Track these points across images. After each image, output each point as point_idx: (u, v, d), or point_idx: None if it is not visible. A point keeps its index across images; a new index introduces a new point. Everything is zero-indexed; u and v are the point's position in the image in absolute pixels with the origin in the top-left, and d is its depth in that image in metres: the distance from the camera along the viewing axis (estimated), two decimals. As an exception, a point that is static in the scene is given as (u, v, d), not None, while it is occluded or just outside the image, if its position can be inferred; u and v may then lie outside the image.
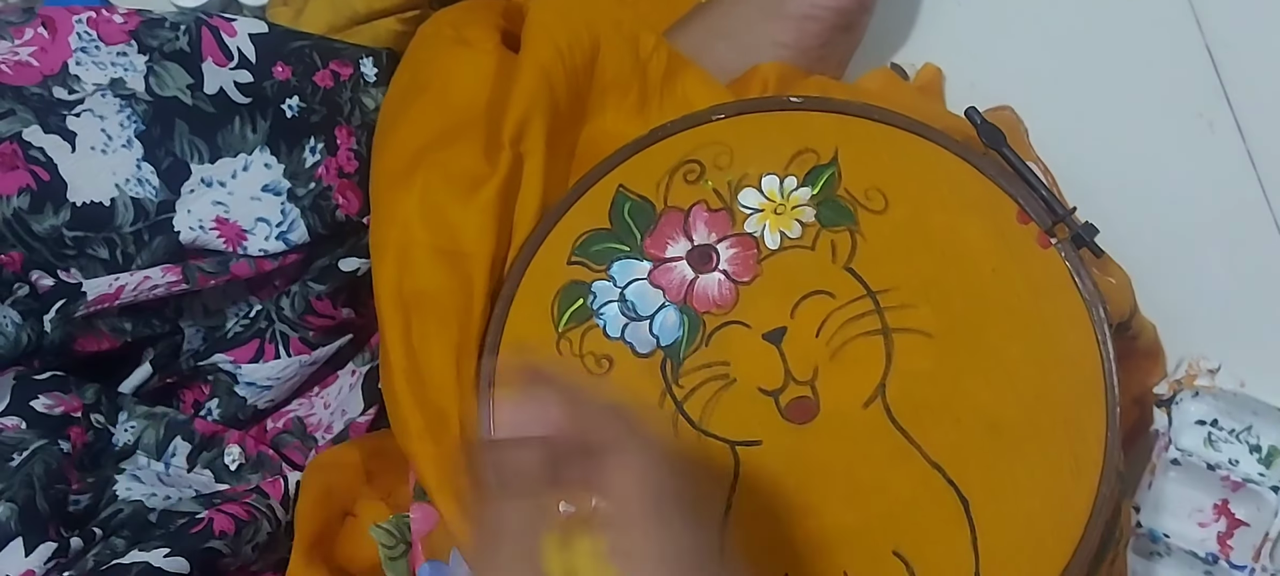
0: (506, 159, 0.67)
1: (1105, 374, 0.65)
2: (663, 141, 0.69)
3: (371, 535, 0.69)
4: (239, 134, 0.68)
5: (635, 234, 0.67)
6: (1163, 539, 0.80)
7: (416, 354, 0.65)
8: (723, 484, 0.64)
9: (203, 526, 0.67)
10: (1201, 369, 0.81)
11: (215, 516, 0.67)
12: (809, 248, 0.66)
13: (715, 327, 0.65)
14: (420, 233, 0.66)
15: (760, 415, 0.64)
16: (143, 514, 0.67)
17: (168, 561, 0.65)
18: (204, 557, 0.66)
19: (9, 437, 0.64)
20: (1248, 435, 0.81)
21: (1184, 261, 0.83)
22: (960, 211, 0.67)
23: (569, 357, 0.65)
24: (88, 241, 0.66)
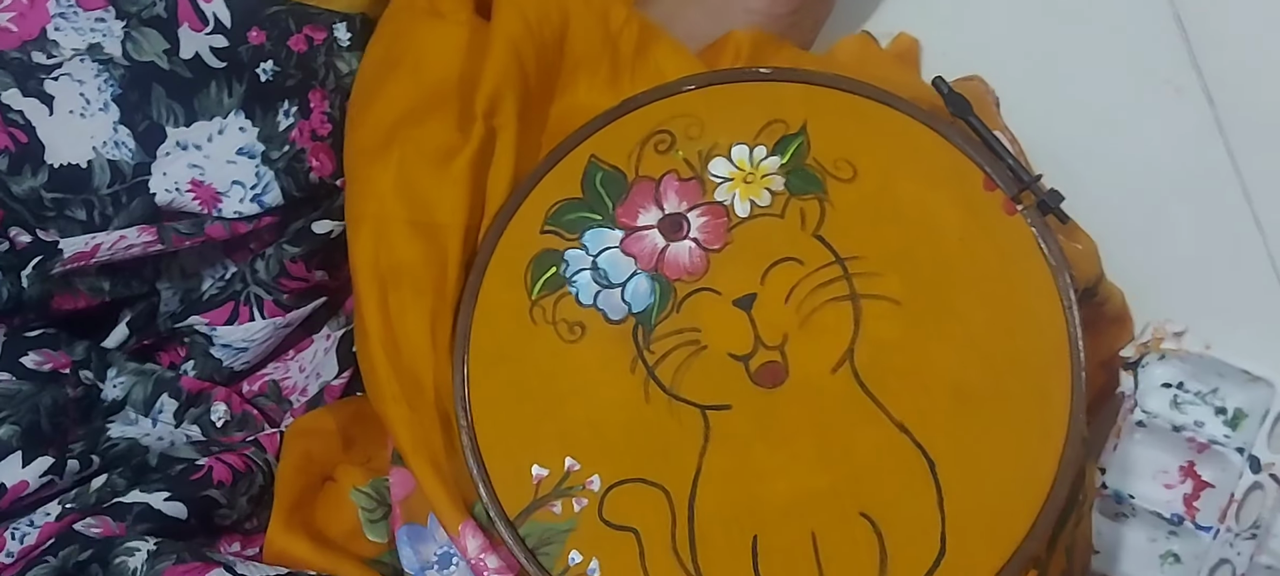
0: (479, 131, 0.68)
1: (1070, 339, 0.66)
2: (634, 112, 0.69)
3: (351, 499, 0.70)
4: (215, 98, 0.68)
5: (607, 203, 0.68)
6: (1129, 500, 0.81)
7: (393, 322, 0.66)
8: (693, 448, 0.65)
9: (202, 474, 0.68)
10: (1168, 332, 0.82)
11: (214, 465, 0.68)
12: (778, 216, 0.67)
13: (686, 294, 0.66)
14: (395, 206, 0.67)
15: (730, 380, 0.65)
16: (140, 453, 0.68)
17: (167, 505, 0.66)
18: (202, 504, 0.68)
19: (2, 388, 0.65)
20: (1213, 397, 0.82)
21: (1151, 226, 0.84)
22: (927, 180, 0.67)
23: (542, 325, 0.66)
24: (66, 203, 0.66)
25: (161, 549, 0.63)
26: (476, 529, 0.65)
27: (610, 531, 0.64)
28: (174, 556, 0.63)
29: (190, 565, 0.62)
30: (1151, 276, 0.83)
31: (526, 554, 0.64)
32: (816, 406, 0.65)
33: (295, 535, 0.68)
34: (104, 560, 0.63)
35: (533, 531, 0.64)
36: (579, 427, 0.65)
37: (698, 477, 0.65)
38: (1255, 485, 0.79)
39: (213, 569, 0.62)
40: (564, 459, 0.65)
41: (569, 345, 0.66)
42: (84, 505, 0.66)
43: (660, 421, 0.65)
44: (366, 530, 0.69)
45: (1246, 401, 0.81)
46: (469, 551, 0.65)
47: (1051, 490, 0.64)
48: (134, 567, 0.62)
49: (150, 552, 0.63)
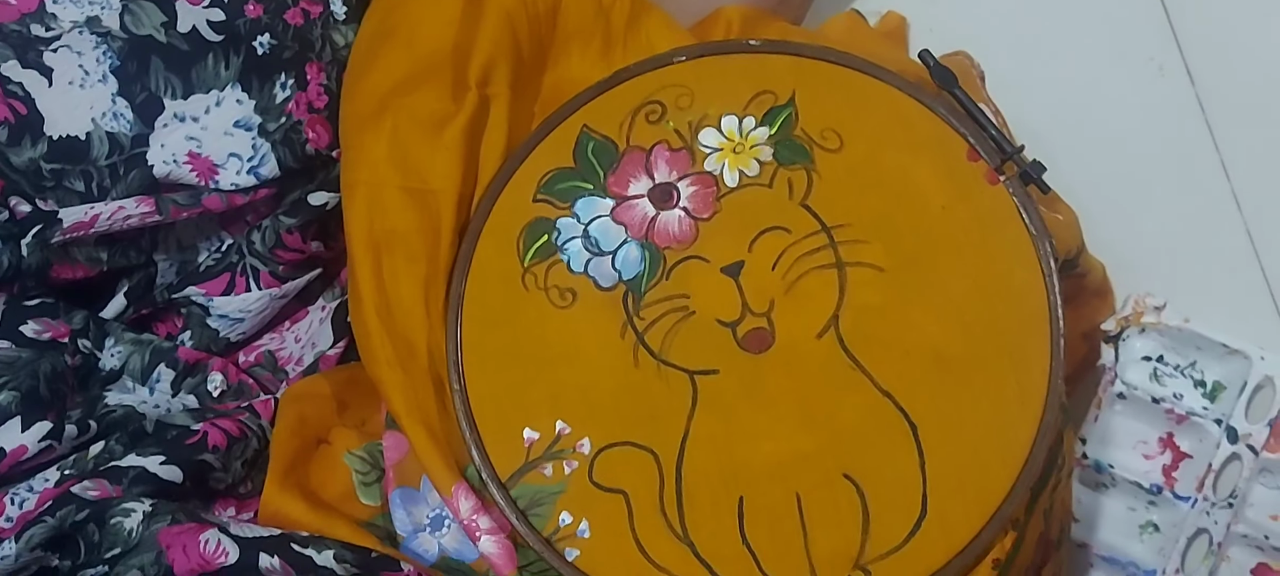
0: (472, 99, 0.69)
1: (1050, 306, 0.67)
2: (625, 83, 0.70)
3: (345, 462, 0.71)
4: (212, 71, 0.69)
5: (598, 172, 0.69)
6: (1109, 470, 0.83)
7: (386, 288, 0.67)
8: (681, 412, 0.66)
9: (198, 438, 0.69)
10: (1148, 306, 0.83)
11: (209, 430, 0.69)
12: (766, 185, 0.68)
13: (675, 262, 0.67)
14: (389, 173, 0.68)
15: (718, 345, 0.66)
16: (137, 419, 0.69)
17: (163, 469, 0.67)
18: (197, 469, 0.68)
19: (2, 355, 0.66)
20: (1192, 370, 0.83)
21: (1133, 201, 0.85)
22: (912, 150, 0.69)
23: (534, 291, 0.67)
24: (65, 173, 0.67)
25: (157, 510, 0.64)
26: (469, 490, 0.66)
27: (600, 493, 0.65)
28: (168, 517, 0.63)
29: (185, 526, 0.63)
30: (1132, 251, 0.84)
31: (518, 515, 0.65)
32: (802, 371, 0.66)
33: (290, 495, 0.69)
34: (100, 520, 0.63)
35: (524, 493, 0.65)
36: (569, 392, 0.66)
37: (686, 441, 0.66)
38: (1233, 455, 0.81)
39: (206, 530, 0.63)
40: (555, 422, 0.66)
41: (560, 311, 0.67)
42: (82, 470, 0.67)
43: (649, 386, 0.66)
44: (360, 493, 0.70)
45: (1224, 374, 0.83)
46: (461, 512, 0.66)
47: (1030, 454, 0.65)
48: (129, 528, 0.63)
49: (146, 513, 0.63)
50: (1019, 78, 0.83)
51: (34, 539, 0.63)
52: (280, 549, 0.63)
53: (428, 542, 0.67)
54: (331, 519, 0.69)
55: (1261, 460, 0.80)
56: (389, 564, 0.65)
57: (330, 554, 0.64)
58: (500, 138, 0.70)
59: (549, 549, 0.65)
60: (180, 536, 0.63)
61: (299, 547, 0.64)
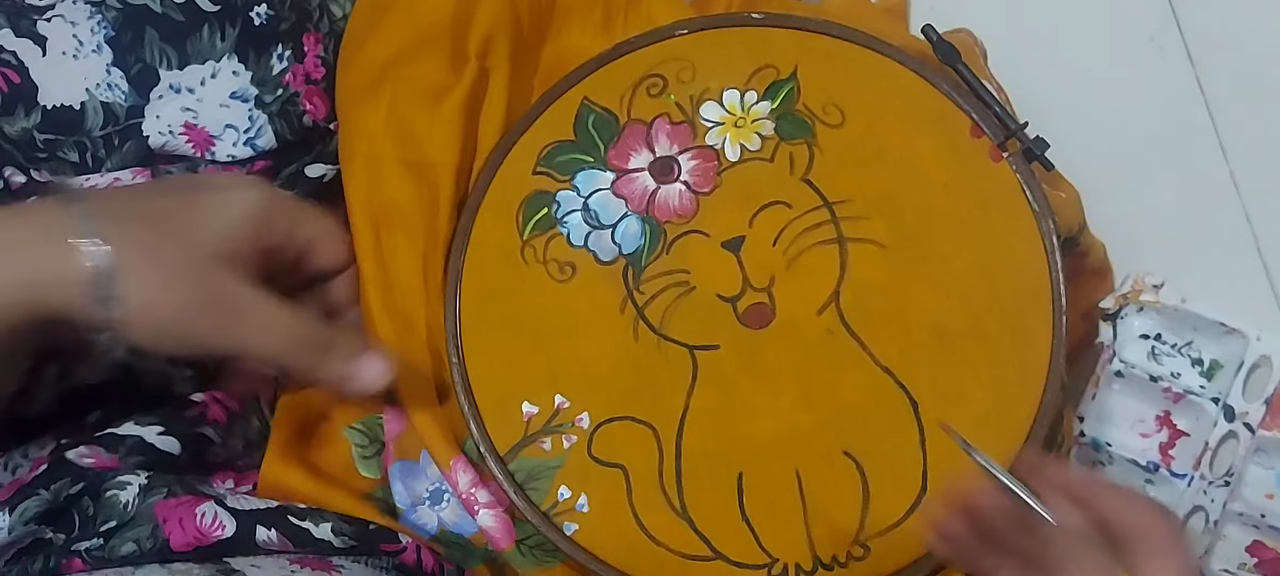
0: (471, 70, 0.69)
1: (1052, 283, 0.67)
2: (627, 56, 0.70)
3: (345, 436, 0.71)
4: (208, 42, 0.68)
5: (599, 145, 0.69)
6: (1106, 448, 0.83)
7: (386, 263, 0.67)
8: (681, 387, 0.66)
9: (198, 410, 0.68)
10: (1146, 284, 0.84)
11: (210, 403, 0.69)
12: (768, 160, 0.68)
13: (676, 236, 0.67)
14: (387, 145, 0.67)
15: (718, 320, 0.66)
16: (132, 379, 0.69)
17: (160, 439, 0.66)
18: (195, 441, 0.68)
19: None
20: (1189, 349, 0.84)
21: (1132, 181, 0.85)
22: (914, 126, 0.68)
23: (533, 264, 0.67)
24: (58, 144, 0.66)
25: (153, 482, 0.63)
26: (467, 464, 0.66)
27: (599, 467, 0.66)
28: (165, 490, 0.63)
29: (181, 498, 0.63)
30: (1131, 230, 0.84)
31: (516, 489, 0.65)
32: (802, 347, 0.66)
33: (290, 466, 0.69)
34: (95, 493, 0.63)
35: (522, 467, 0.65)
36: (569, 366, 0.66)
37: (685, 416, 0.66)
38: (1229, 434, 0.81)
39: (203, 502, 0.63)
40: (554, 396, 0.66)
41: (560, 285, 0.67)
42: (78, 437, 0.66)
43: (649, 360, 0.66)
44: (359, 466, 0.70)
45: (1221, 352, 0.83)
46: (460, 486, 0.66)
47: (1030, 431, 0.66)
48: (125, 501, 0.63)
49: (142, 486, 0.63)
50: (1018, 57, 0.82)
51: (28, 512, 0.62)
52: (278, 521, 0.63)
53: (427, 515, 0.67)
54: (331, 490, 0.69)
55: (1258, 439, 0.80)
56: (387, 536, 0.65)
57: (328, 526, 0.64)
58: (500, 110, 0.69)
59: (547, 523, 0.65)
60: (177, 509, 0.62)
61: (296, 520, 0.64)
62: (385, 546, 0.65)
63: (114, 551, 0.61)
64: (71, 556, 0.62)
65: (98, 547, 0.62)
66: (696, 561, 0.65)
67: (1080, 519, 0.53)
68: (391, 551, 0.65)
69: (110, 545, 0.62)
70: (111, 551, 0.61)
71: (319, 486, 0.68)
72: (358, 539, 0.65)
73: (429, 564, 0.65)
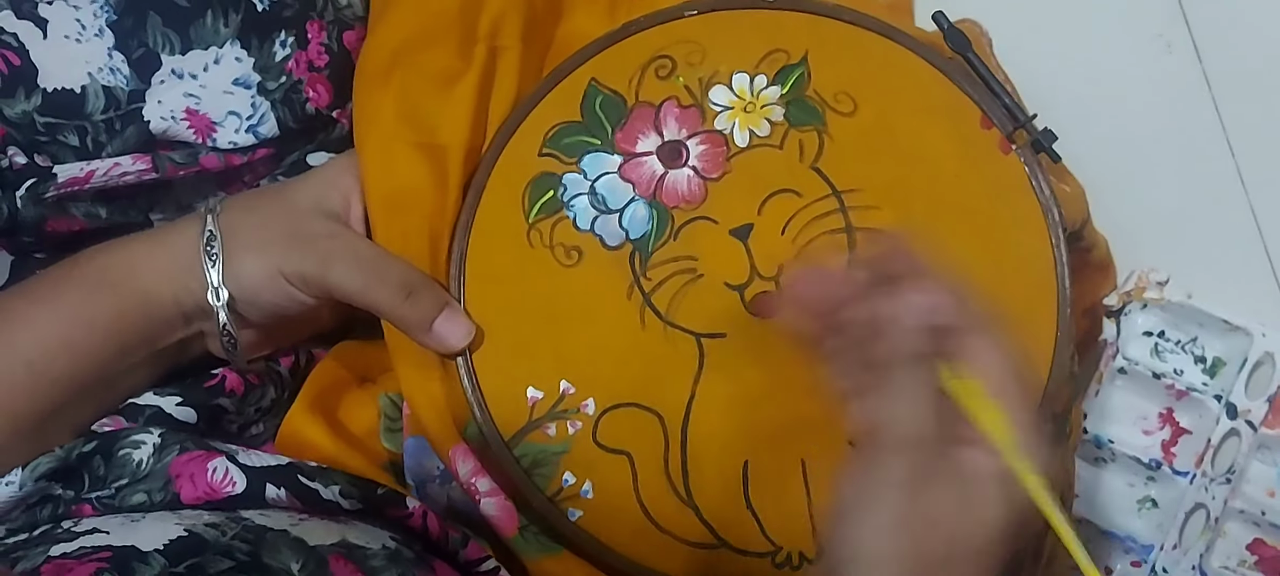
0: (482, 53, 0.68)
1: (1058, 277, 0.67)
2: (635, 36, 0.69)
3: (379, 402, 0.71)
4: (211, 27, 0.67)
5: (606, 128, 0.68)
6: (1108, 445, 0.83)
7: (399, 249, 0.66)
8: (687, 374, 0.66)
9: (216, 381, 0.68)
10: (1150, 281, 0.84)
11: (228, 374, 0.69)
12: (777, 147, 0.68)
13: (683, 222, 0.67)
14: (398, 128, 0.67)
15: (725, 309, 0.66)
16: None
17: (179, 410, 0.66)
18: (211, 411, 0.68)
19: None
20: (1193, 346, 0.83)
21: (1138, 177, 0.85)
22: (925, 116, 0.68)
23: (539, 248, 0.66)
24: (59, 127, 0.66)
25: (166, 441, 0.63)
26: (468, 452, 0.65)
27: (604, 454, 0.65)
28: (178, 447, 0.63)
29: (194, 453, 0.63)
30: (1136, 226, 0.84)
31: (521, 474, 0.64)
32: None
33: (313, 419, 0.68)
34: (108, 452, 0.63)
35: (527, 453, 0.65)
36: (575, 352, 0.66)
37: (691, 403, 0.65)
38: (1231, 431, 0.81)
39: (215, 457, 0.63)
40: (559, 382, 0.65)
41: (566, 269, 0.66)
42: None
43: (655, 347, 0.66)
44: (383, 436, 0.70)
45: (1225, 350, 0.83)
46: (460, 474, 0.65)
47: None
48: (139, 459, 0.63)
49: (156, 445, 0.63)
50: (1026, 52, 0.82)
51: (40, 468, 0.62)
52: (287, 480, 0.63)
53: (437, 493, 0.67)
54: (349, 449, 0.68)
55: (1260, 436, 0.80)
56: (394, 501, 0.65)
57: (336, 488, 0.64)
58: (510, 91, 0.68)
59: (552, 509, 0.65)
60: (189, 464, 0.62)
61: (306, 480, 0.64)
62: (392, 510, 0.65)
63: (124, 501, 0.62)
64: (81, 503, 0.62)
65: (108, 497, 0.62)
66: (701, 548, 0.65)
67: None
68: (399, 516, 0.65)
69: (121, 495, 0.62)
70: (122, 500, 0.62)
71: (337, 445, 0.68)
72: (365, 502, 0.64)
73: (435, 529, 0.65)
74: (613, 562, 0.65)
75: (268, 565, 0.55)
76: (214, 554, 0.55)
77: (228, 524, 0.58)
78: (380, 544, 0.61)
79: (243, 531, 0.58)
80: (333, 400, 0.71)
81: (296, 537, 0.58)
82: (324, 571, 0.57)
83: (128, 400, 0.67)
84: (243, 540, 0.57)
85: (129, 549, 0.54)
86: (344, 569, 0.57)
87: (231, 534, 0.57)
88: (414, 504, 0.65)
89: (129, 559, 0.53)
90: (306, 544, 0.58)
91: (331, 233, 0.65)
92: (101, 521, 0.59)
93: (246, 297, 0.64)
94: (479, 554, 0.65)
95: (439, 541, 0.65)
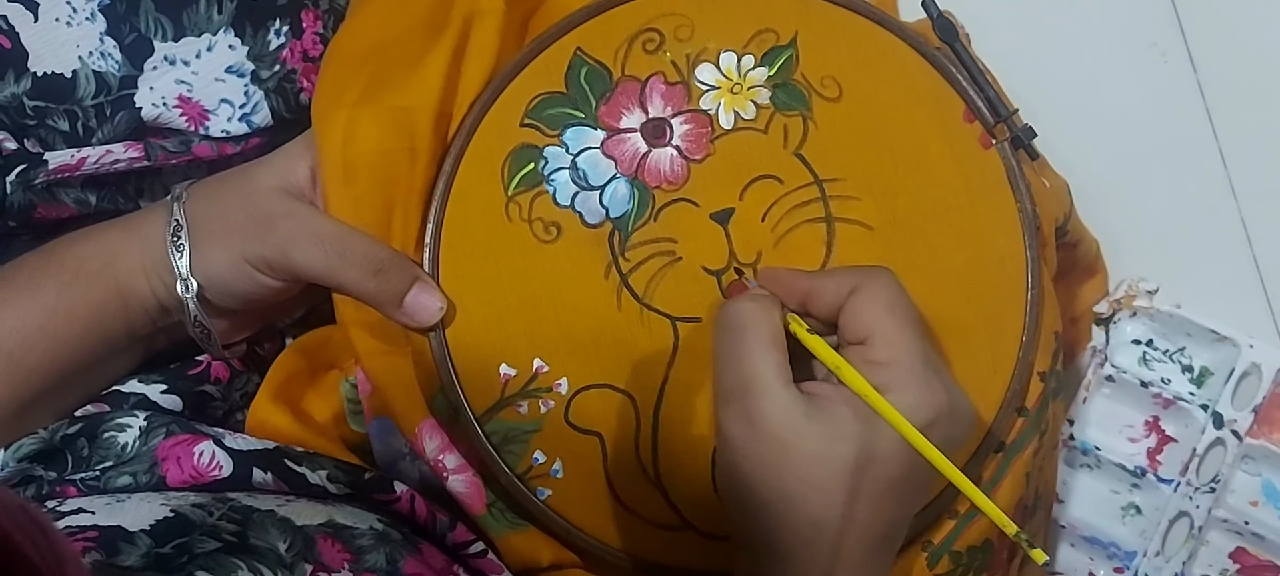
0: (457, 20, 0.66)
1: (1027, 275, 0.67)
2: (624, 6, 0.67)
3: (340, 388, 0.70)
4: (204, 14, 0.67)
5: (591, 101, 0.66)
6: (1094, 451, 0.82)
7: (352, 217, 0.64)
8: (662, 358, 0.65)
9: (201, 369, 0.68)
10: (1140, 290, 0.83)
11: (213, 362, 0.68)
12: (762, 131, 0.67)
13: (664, 204, 0.66)
14: (361, 99, 0.65)
15: (702, 293, 0.65)
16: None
17: (164, 397, 0.66)
18: (197, 398, 0.68)
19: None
20: (1180, 355, 0.83)
21: (1130, 185, 0.85)
22: (911, 106, 0.67)
23: (517, 222, 0.65)
24: (48, 112, 0.65)
25: (152, 423, 0.63)
26: (435, 428, 0.65)
27: (575, 434, 0.64)
28: (164, 430, 0.63)
29: (180, 437, 0.63)
30: (1127, 234, 0.84)
31: (491, 452, 0.64)
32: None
33: (279, 409, 0.68)
34: (92, 434, 0.63)
35: (498, 430, 0.64)
36: (549, 330, 0.65)
37: (664, 387, 0.65)
38: (1217, 441, 0.80)
39: (201, 441, 0.62)
40: (533, 360, 0.65)
41: (544, 245, 0.65)
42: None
43: (631, 329, 0.65)
44: (350, 420, 0.69)
45: (1212, 359, 0.82)
46: (427, 452, 0.64)
47: (996, 418, 0.66)
48: (124, 442, 0.62)
49: (142, 428, 0.63)
50: (1020, 57, 0.81)
51: (22, 449, 0.62)
52: (274, 465, 0.63)
53: (408, 470, 0.67)
54: (317, 437, 0.68)
55: (1245, 446, 0.80)
56: (381, 485, 0.64)
57: (323, 473, 0.64)
58: (489, 56, 0.66)
59: (520, 487, 0.64)
60: (175, 447, 0.62)
61: (293, 464, 0.63)
62: (379, 495, 0.64)
63: (109, 483, 0.61)
64: (65, 485, 0.61)
65: (93, 478, 0.62)
66: (667, 531, 0.64)
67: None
68: (386, 500, 0.64)
69: (106, 477, 0.62)
70: (107, 482, 0.61)
71: (305, 432, 0.67)
72: (352, 487, 0.64)
73: (422, 513, 0.64)
74: (579, 541, 0.65)
75: (255, 545, 0.55)
76: (201, 534, 0.55)
77: (214, 504, 0.58)
78: (367, 525, 0.60)
79: (229, 511, 0.57)
80: (296, 389, 0.70)
81: (283, 517, 0.58)
82: (311, 550, 0.56)
83: (112, 386, 0.66)
84: (230, 520, 0.56)
85: (115, 529, 0.54)
86: (331, 548, 0.57)
87: (218, 514, 0.57)
88: (401, 489, 0.64)
89: (115, 539, 0.53)
90: (293, 523, 0.57)
91: (291, 211, 0.63)
92: (86, 502, 0.59)
93: (216, 287, 0.63)
94: (467, 536, 0.65)
95: (426, 525, 0.65)
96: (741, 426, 0.55)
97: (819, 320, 0.59)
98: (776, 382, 0.55)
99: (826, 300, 0.59)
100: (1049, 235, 0.71)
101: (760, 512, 0.55)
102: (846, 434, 0.54)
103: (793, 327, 0.58)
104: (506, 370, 0.65)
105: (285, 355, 0.71)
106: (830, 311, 0.58)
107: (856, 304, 0.57)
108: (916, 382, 0.55)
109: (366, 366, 0.65)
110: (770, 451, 0.54)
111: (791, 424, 0.54)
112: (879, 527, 0.55)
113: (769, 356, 0.56)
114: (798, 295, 0.60)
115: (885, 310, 0.56)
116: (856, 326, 0.57)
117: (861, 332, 0.57)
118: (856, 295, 0.57)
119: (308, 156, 0.65)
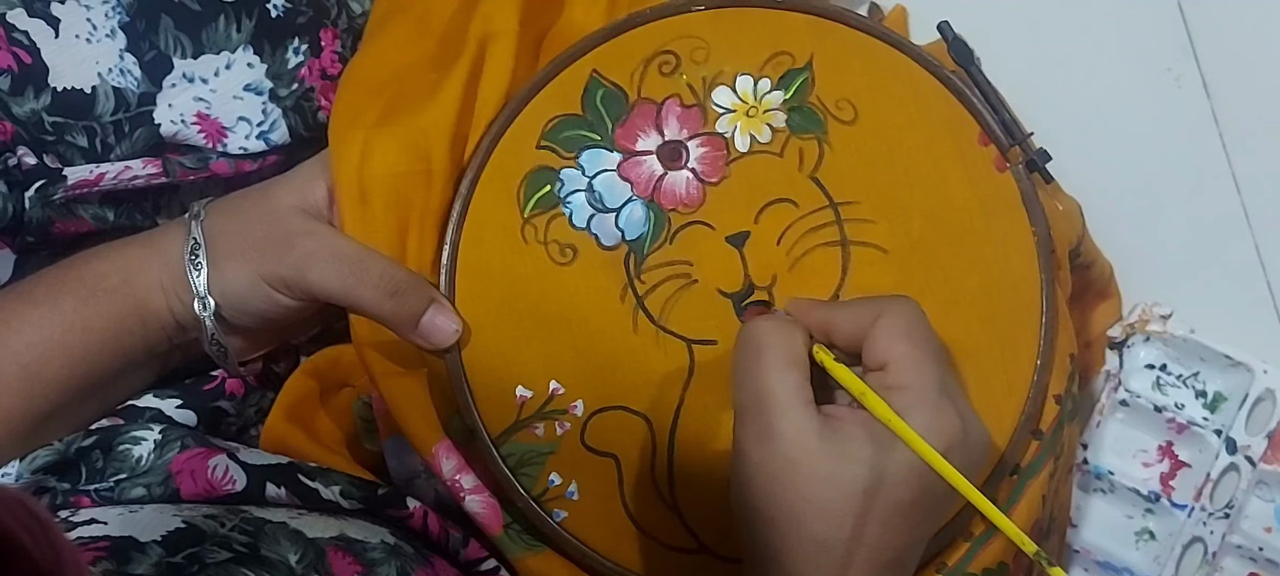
0: (472, 42, 0.67)
1: (1043, 299, 0.67)
2: (640, 28, 0.68)
3: (354, 408, 0.70)
4: (223, 32, 0.68)
5: (607, 123, 0.67)
6: (1108, 476, 0.82)
7: (370, 235, 0.65)
8: (677, 380, 0.65)
9: (216, 385, 0.68)
10: (1154, 314, 0.83)
11: (228, 378, 0.69)
12: (777, 154, 0.67)
13: (680, 226, 0.66)
14: (378, 122, 0.66)
15: (718, 316, 0.65)
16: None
17: (178, 412, 0.67)
18: (212, 414, 0.68)
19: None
20: (1195, 380, 0.83)
21: (1144, 210, 0.85)
22: (926, 129, 0.67)
23: (533, 244, 0.66)
24: (67, 127, 0.66)
25: (166, 438, 0.63)
26: (451, 449, 0.65)
27: (591, 456, 0.65)
28: (179, 444, 0.63)
29: (195, 451, 0.63)
30: (1141, 259, 0.84)
31: (507, 474, 0.64)
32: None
33: (293, 427, 0.68)
34: (107, 447, 0.63)
35: (514, 452, 0.64)
36: (565, 352, 0.65)
37: (680, 410, 0.65)
38: (1231, 466, 0.80)
39: (215, 454, 0.63)
40: (549, 382, 0.65)
41: (560, 268, 0.66)
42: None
43: (646, 352, 0.65)
44: (363, 438, 0.69)
45: (1226, 385, 0.82)
46: (444, 472, 0.64)
47: (1010, 442, 0.66)
48: (139, 455, 0.63)
49: (156, 442, 0.63)
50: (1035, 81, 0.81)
51: (37, 460, 0.62)
52: (287, 479, 0.63)
53: (424, 488, 0.67)
54: (331, 455, 0.68)
55: (1259, 472, 0.79)
56: (395, 500, 0.65)
57: (336, 488, 0.64)
58: (503, 78, 0.67)
59: (536, 509, 0.64)
60: (189, 461, 0.63)
61: (306, 479, 0.64)
62: (392, 510, 0.64)
63: (123, 494, 0.62)
64: (79, 496, 0.62)
65: (107, 490, 0.62)
66: (683, 553, 0.64)
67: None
68: (399, 515, 0.64)
69: (120, 489, 0.62)
70: (121, 494, 0.62)
71: (319, 449, 0.67)
72: (365, 502, 0.64)
73: (435, 529, 0.65)
74: (595, 564, 0.65)
75: (266, 556, 0.55)
76: (212, 544, 0.55)
77: (226, 515, 0.58)
78: (379, 539, 0.61)
79: (241, 523, 0.57)
80: (309, 408, 0.70)
81: (295, 530, 0.58)
82: (322, 563, 0.56)
83: (127, 401, 0.67)
84: (241, 531, 0.57)
85: (127, 539, 0.54)
86: (342, 561, 0.57)
87: (230, 525, 0.57)
88: (414, 504, 0.65)
89: (127, 549, 0.53)
90: (305, 536, 0.58)
91: (309, 231, 0.63)
92: (99, 512, 0.59)
93: (233, 305, 0.64)
94: (479, 553, 0.65)
95: (439, 541, 0.65)
96: (755, 442, 0.56)
97: (844, 350, 0.59)
98: (792, 400, 0.55)
99: (849, 330, 0.59)
100: (1063, 258, 0.71)
101: (768, 530, 0.55)
102: (858, 455, 0.54)
103: (818, 356, 0.58)
104: (522, 392, 0.65)
105: (295, 377, 0.71)
106: (854, 341, 0.58)
107: (877, 331, 0.57)
108: (929, 408, 0.55)
109: (381, 387, 0.65)
110: (781, 468, 0.55)
111: (803, 442, 0.54)
112: (889, 552, 0.55)
113: (787, 374, 0.56)
114: (822, 325, 0.60)
115: (902, 336, 0.57)
116: (876, 353, 0.57)
117: (880, 359, 0.57)
118: (877, 323, 0.57)
119: (325, 176, 0.66)
